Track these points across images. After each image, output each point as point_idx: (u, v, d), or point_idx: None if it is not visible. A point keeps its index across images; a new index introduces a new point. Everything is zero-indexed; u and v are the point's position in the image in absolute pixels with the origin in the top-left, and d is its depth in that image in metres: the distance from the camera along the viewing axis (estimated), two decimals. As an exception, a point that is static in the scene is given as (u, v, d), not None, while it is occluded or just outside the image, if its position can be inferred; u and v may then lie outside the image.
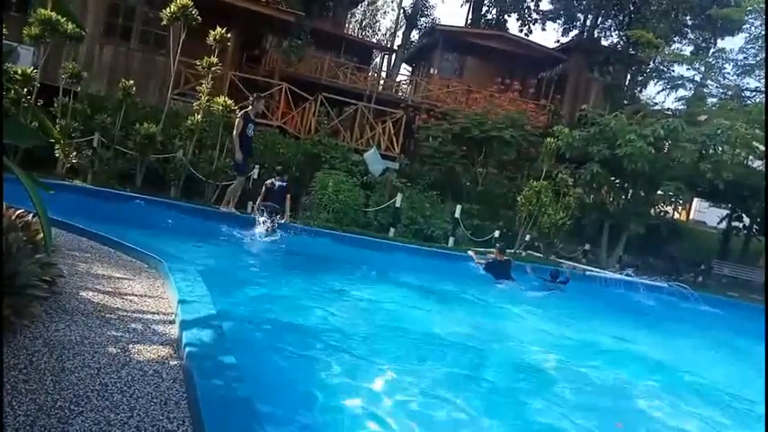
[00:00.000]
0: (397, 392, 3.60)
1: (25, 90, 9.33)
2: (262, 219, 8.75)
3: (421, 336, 5.27)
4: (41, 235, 3.04)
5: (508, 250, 12.30)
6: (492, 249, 10.47)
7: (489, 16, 30.13)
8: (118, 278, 4.10)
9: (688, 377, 5.52)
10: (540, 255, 13.00)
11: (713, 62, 19.00)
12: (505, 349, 5.44)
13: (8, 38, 9.15)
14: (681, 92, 19.79)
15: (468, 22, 29.67)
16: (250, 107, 9.47)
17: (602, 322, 8.01)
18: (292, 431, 2.89)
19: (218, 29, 10.38)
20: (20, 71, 9.34)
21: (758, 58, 17.96)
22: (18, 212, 3.31)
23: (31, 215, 3.28)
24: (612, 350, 6.29)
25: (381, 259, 9.36)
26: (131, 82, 10.52)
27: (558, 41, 27.72)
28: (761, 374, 6.03)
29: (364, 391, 3.53)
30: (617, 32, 25.65)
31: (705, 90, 19.03)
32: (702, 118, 15.89)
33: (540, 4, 28.68)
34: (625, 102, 21.03)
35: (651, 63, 22.07)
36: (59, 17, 9.18)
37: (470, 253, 10.36)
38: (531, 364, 4.95)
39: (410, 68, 31.31)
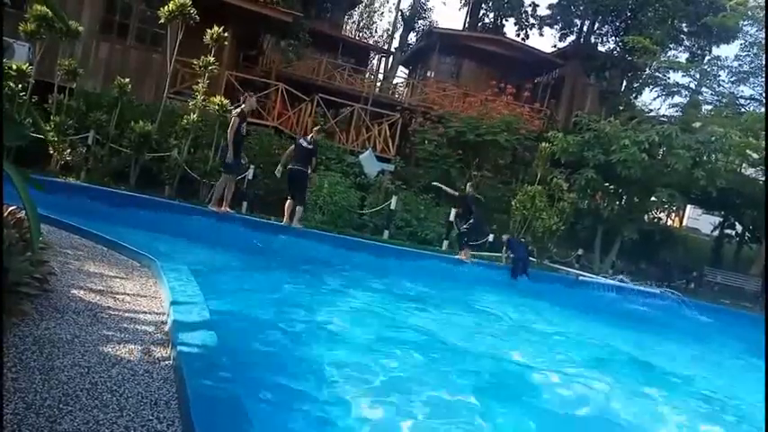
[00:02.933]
0: (394, 396, 3.60)
1: (20, 86, 9.28)
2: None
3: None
4: (33, 232, 3.02)
5: (501, 255, 12.37)
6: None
7: (487, 20, 30.21)
8: (110, 277, 4.08)
9: (678, 384, 5.54)
10: (534, 259, 13.02)
11: (708, 69, 19.14)
12: (484, 349, 5.43)
13: (4, 33, 9.11)
14: (676, 99, 19.95)
15: (466, 25, 29.74)
16: (244, 104, 9.26)
17: (591, 326, 8.03)
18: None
19: (216, 28, 10.37)
20: (15, 67, 9.29)
21: (753, 66, 18.10)
22: (10, 209, 3.29)
23: (23, 212, 3.26)
24: (600, 354, 6.30)
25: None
26: (127, 80, 10.49)
27: (555, 46, 27.84)
28: (748, 380, 6.07)
29: (358, 393, 3.53)
30: (614, 39, 25.78)
31: (700, 97, 19.17)
32: (697, 125, 15.99)
33: (538, 9, 28.82)
34: (620, 108, 21.14)
35: (647, 69, 22.21)
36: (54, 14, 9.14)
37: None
38: (512, 369, 4.95)
39: (407, 71, 31.35)
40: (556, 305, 8.99)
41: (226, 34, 10.57)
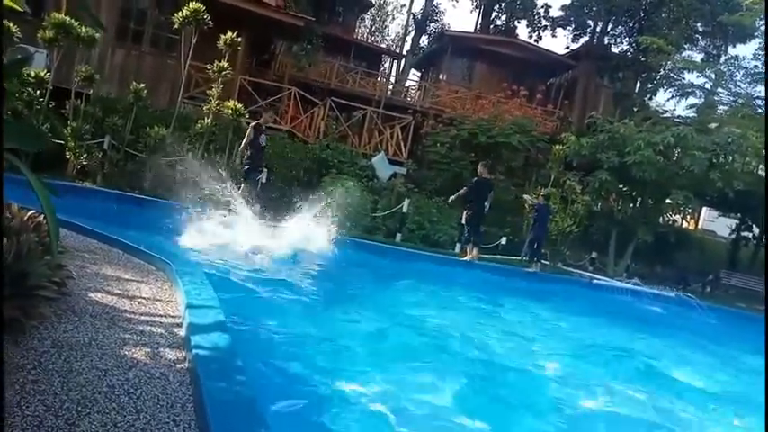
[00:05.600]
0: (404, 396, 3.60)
1: (38, 92, 9.44)
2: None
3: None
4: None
5: (514, 257, 12.33)
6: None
7: (499, 22, 30.17)
8: (126, 280, 4.13)
9: (694, 389, 5.48)
10: (547, 262, 12.96)
11: (724, 69, 18.89)
12: (503, 353, 5.39)
13: (22, 40, 9.27)
14: (691, 99, 19.71)
15: (478, 27, 29.72)
16: (261, 119, 9.62)
17: (606, 331, 7.96)
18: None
19: (229, 33, 10.46)
20: (33, 74, 9.45)
21: (771, 65, 17.84)
22: (30, 214, 3.35)
23: (42, 216, 3.31)
24: (613, 359, 6.24)
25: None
26: (142, 85, 10.61)
27: (568, 48, 27.71)
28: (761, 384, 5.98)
29: (375, 395, 3.53)
30: (627, 39, 25.60)
31: (716, 98, 18.93)
32: (713, 126, 15.79)
33: (550, 10, 28.72)
34: (635, 109, 20.96)
35: (661, 70, 22.01)
36: (74, 20, 9.33)
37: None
38: (525, 371, 4.91)
39: (419, 74, 31.38)
40: (569, 306, 8.92)
41: (239, 39, 10.66)
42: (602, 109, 21.97)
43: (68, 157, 9.89)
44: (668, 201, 15.27)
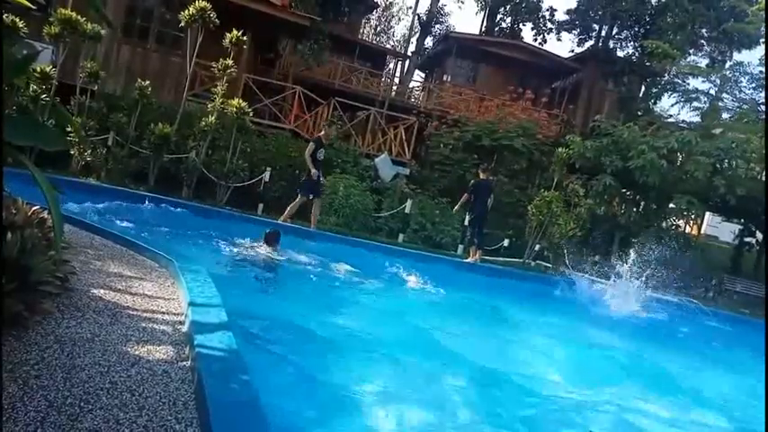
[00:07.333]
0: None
1: (43, 88, 9.45)
2: None
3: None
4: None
5: (517, 259, 12.31)
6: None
7: (504, 25, 30.15)
8: (129, 277, 4.13)
9: (696, 395, 5.47)
10: (550, 265, 12.93)
11: (729, 75, 18.85)
12: (497, 358, 5.38)
13: (27, 35, 9.28)
14: (695, 105, 19.65)
15: (483, 30, 29.70)
16: (323, 132, 9.94)
17: (607, 335, 7.94)
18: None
19: (235, 32, 10.47)
20: (39, 69, 9.46)
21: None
22: (33, 209, 3.34)
23: (46, 212, 3.31)
24: (617, 364, 6.22)
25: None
26: (147, 82, 10.62)
27: (573, 51, 27.68)
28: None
29: (375, 394, 3.53)
30: (632, 44, 25.58)
31: (720, 103, 18.87)
32: (717, 131, 15.75)
33: (556, 14, 28.70)
34: (639, 113, 20.90)
35: (666, 75, 21.96)
36: (80, 16, 9.35)
37: None
38: (523, 378, 4.88)
39: (423, 75, 31.36)
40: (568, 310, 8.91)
41: (244, 38, 10.67)
42: (606, 113, 21.94)
43: (73, 153, 9.90)
44: (671, 205, 15.23)
